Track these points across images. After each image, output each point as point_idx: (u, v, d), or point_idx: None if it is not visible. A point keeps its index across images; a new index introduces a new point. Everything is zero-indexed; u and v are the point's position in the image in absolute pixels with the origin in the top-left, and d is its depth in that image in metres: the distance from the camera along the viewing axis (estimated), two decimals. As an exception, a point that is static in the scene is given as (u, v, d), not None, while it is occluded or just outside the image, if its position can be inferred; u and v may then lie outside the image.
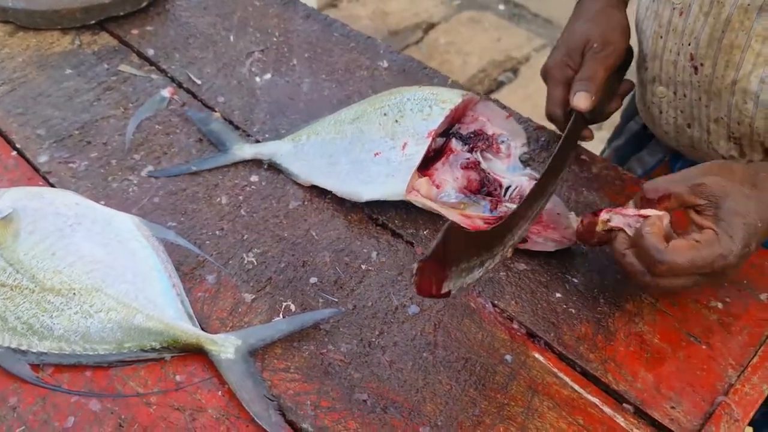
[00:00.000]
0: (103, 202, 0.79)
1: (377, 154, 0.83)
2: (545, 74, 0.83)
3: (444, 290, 0.60)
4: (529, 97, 3.04)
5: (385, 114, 0.86)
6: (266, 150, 0.87)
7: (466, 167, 0.80)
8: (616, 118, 1.05)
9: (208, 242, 0.76)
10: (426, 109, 0.84)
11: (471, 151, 0.82)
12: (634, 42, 0.85)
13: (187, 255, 0.74)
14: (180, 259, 0.73)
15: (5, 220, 0.68)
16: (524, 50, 3.20)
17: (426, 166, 0.82)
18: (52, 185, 0.82)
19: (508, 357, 0.67)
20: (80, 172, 0.83)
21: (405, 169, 0.81)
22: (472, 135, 0.83)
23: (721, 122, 0.77)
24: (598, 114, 0.82)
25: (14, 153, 0.86)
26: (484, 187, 0.80)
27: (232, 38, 1.08)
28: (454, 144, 0.83)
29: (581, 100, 0.75)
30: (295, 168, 0.85)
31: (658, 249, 0.61)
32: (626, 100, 0.91)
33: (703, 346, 0.68)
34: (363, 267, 0.75)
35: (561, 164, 0.74)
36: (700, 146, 0.83)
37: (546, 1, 3.68)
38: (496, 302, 0.72)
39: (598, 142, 0.99)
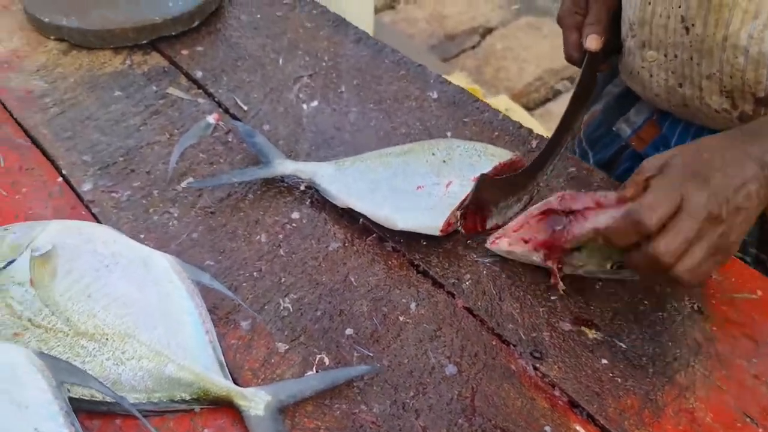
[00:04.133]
0: (142, 236, 0.79)
1: (420, 187, 0.81)
2: (559, 22, 0.91)
3: (489, 227, 0.80)
4: (586, 107, 2.96)
5: (433, 153, 0.84)
6: (308, 168, 0.85)
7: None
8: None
9: (244, 284, 0.75)
10: (475, 157, 0.82)
11: None
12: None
13: (222, 298, 0.72)
14: (215, 302, 0.72)
15: (44, 258, 0.68)
16: (583, 59, 3.10)
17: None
18: (94, 215, 0.82)
19: (547, 428, 0.64)
20: (122, 202, 0.83)
21: (446, 204, 0.79)
22: None
23: (714, 78, 0.82)
24: (610, 49, 0.90)
25: (60, 179, 0.86)
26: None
27: (280, 61, 1.06)
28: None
29: (592, 42, 0.84)
30: (333, 189, 0.83)
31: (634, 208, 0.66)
32: None
33: (760, 430, 0.64)
34: (401, 319, 0.72)
35: (583, 99, 0.86)
36: (692, 103, 0.87)
37: (608, 8, 3.59)
38: (537, 366, 0.68)
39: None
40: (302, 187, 0.86)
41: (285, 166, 0.86)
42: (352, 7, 2.52)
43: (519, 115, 2.48)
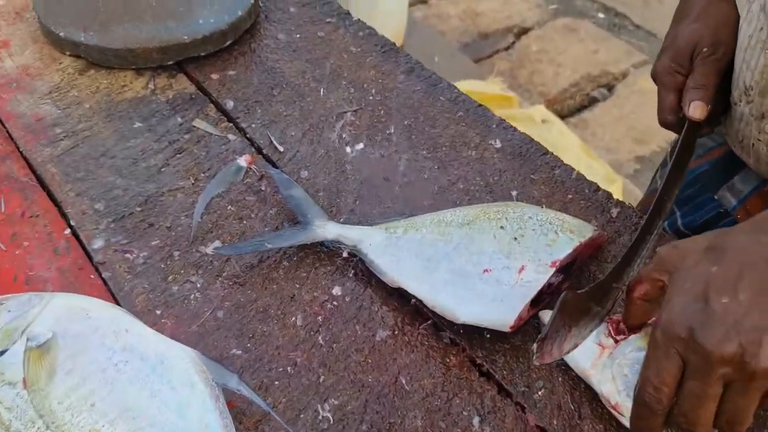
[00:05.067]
0: (159, 312, 0.68)
1: (486, 270, 0.69)
2: (654, 78, 0.78)
3: (567, 350, 0.61)
4: (624, 118, 2.80)
5: (502, 227, 0.71)
6: (353, 234, 0.73)
7: None
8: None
9: (276, 382, 0.63)
10: (551, 234, 0.69)
11: None
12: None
13: (250, 403, 0.61)
14: (242, 406, 0.61)
15: (42, 349, 0.57)
16: (622, 65, 2.96)
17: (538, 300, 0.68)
18: (104, 281, 0.70)
19: None
20: (138, 266, 0.72)
21: (518, 296, 0.67)
22: None
23: None
24: (714, 114, 0.76)
25: (67, 231, 0.75)
26: None
27: (322, 92, 0.94)
28: None
29: (696, 111, 0.72)
30: (382, 262, 0.71)
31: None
32: None
33: None
34: (462, 438, 0.61)
35: (679, 175, 0.72)
36: None
37: (651, 12, 3.41)
38: None
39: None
40: (345, 254, 0.74)
41: (327, 230, 0.74)
42: (387, 1, 2.39)
43: (558, 128, 2.35)
